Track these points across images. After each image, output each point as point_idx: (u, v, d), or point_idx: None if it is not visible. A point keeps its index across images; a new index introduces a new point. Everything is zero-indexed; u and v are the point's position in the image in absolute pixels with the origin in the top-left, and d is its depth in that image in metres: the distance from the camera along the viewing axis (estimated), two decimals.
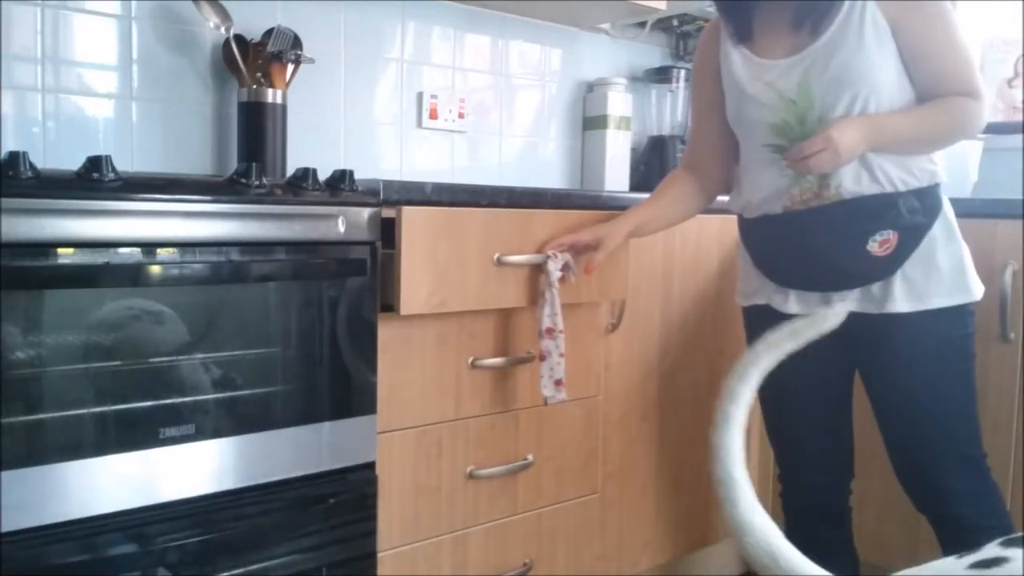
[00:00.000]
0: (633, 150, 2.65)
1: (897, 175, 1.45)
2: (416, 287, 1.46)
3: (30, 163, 1.15)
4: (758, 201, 1.56)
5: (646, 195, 1.96)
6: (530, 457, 1.72)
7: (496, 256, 1.56)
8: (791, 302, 1.56)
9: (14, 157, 1.13)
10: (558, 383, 1.62)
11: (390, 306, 1.48)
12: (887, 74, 1.43)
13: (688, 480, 2.09)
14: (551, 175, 2.58)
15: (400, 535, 1.56)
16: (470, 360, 1.62)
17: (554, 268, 1.58)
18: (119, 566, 1.22)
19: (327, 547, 1.43)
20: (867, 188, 1.45)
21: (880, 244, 1.45)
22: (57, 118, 1.74)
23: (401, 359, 1.53)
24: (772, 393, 1.66)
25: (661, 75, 2.70)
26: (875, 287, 1.48)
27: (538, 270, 1.61)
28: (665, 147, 2.66)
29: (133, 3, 1.81)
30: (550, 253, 1.59)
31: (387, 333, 1.49)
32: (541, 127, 2.54)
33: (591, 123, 2.60)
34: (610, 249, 1.60)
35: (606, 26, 2.62)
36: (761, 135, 1.52)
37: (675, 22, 2.68)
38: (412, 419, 1.56)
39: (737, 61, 1.54)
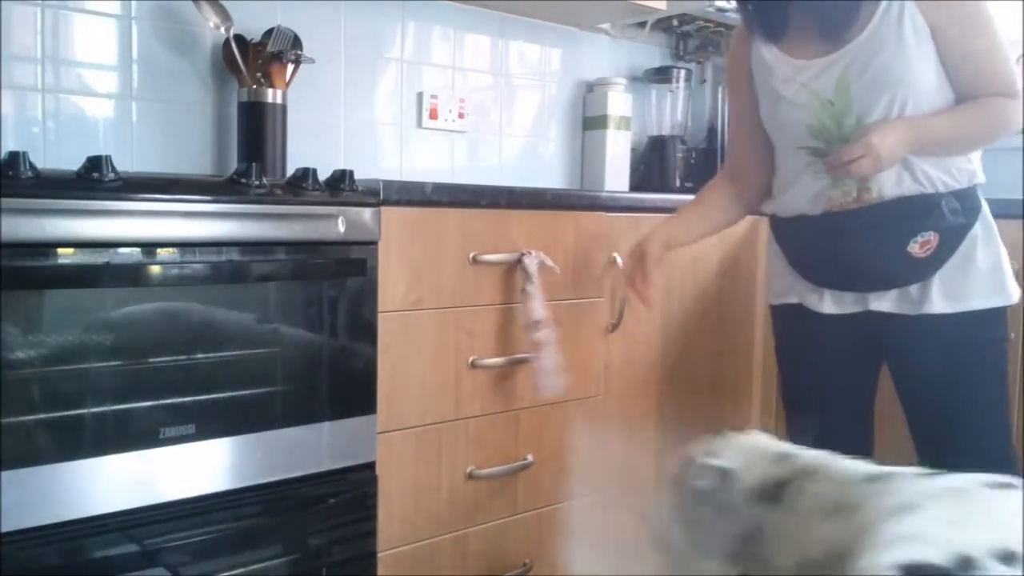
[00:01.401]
0: (633, 150, 2.64)
1: (938, 176, 1.43)
2: (393, 286, 1.49)
3: (30, 163, 1.15)
4: (795, 203, 1.54)
5: (646, 195, 1.96)
6: (530, 457, 1.72)
7: (471, 255, 1.59)
8: (826, 302, 1.54)
9: (14, 157, 1.13)
10: (547, 374, 1.64)
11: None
12: (927, 76, 1.41)
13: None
14: (551, 175, 2.58)
15: (400, 535, 1.56)
16: (470, 360, 1.62)
17: (531, 262, 1.62)
18: (119, 566, 1.22)
19: (327, 547, 1.43)
20: (908, 189, 1.43)
21: (920, 245, 1.43)
22: (57, 118, 1.74)
23: (401, 359, 1.53)
24: (798, 390, 1.66)
25: (661, 75, 2.70)
26: (913, 288, 1.47)
27: (513, 269, 1.64)
28: (665, 147, 2.66)
29: (133, 3, 1.81)
30: (525, 251, 1.63)
31: (387, 333, 1.49)
32: (541, 127, 2.54)
33: (591, 123, 2.60)
34: (653, 261, 1.61)
35: (606, 26, 2.62)
36: (797, 137, 1.50)
37: (675, 22, 2.68)
38: (412, 419, 1.56)
39: (770, 62, 1.52)
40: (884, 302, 1.49)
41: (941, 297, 1.45)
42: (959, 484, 0.94)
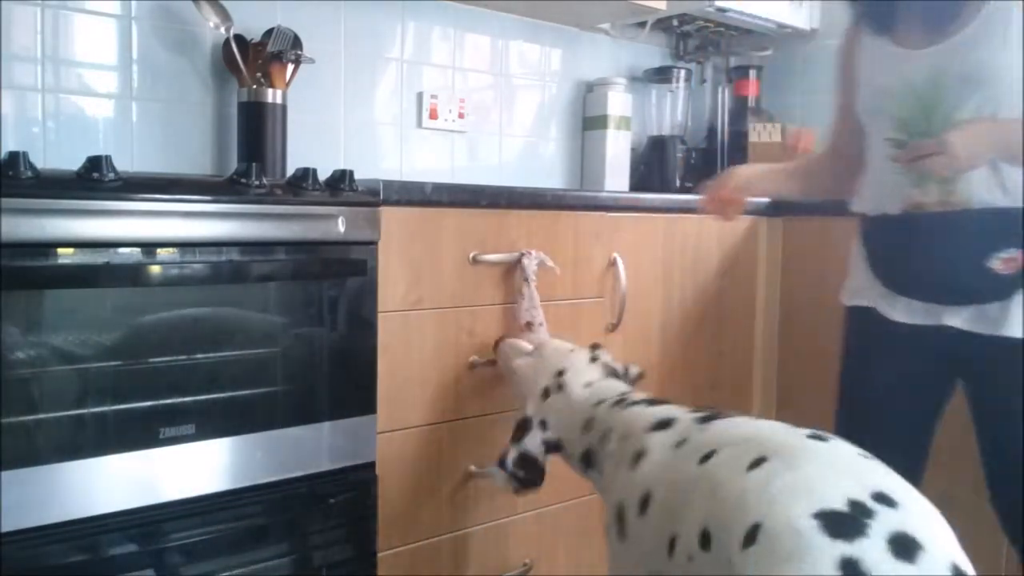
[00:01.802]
0: (633, 150, 2.64)
1: None
2: (393, 287, 1.49)
3: (30, 163, 1.15)
4: (878, 199, 1.48)
5: (645, 195, 1.96)
6: None
7: (471, 255, 1.59)
8: (898, 310, 1.47)
9: (14, 157, 1.13)
10: None
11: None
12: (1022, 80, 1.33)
13: None
14: (551, 175, 2.58)
15: (400, 535, 1.56)
16: (470, 360, 1.62)
17: (530, 263, 1.61)
18: (119, 566, 1.22)
19: (327, 547, 1.43)
20: (998, 200, 1.35)
21: (1004, 262, 1.35)
22: (57, 118, 1.74)
23: (401, 359, 1.53)
24: (858, 398, 1.58)
25: (661, 75, 2.70)
26: (992, 307, 1.38)
27: (511, 269, 1.64)
28: (665, 147, 2.66)
29: (133, 3, 1.81)
30: (525, 251, 1.63)
31: (387, 333, 1.49)
32: (541, 127, 2.54)
33: (591, 123, 2.60)
34: (739, 182, 1.64)
35: (606, 26, 2.62)
36: (885, 127, 1.44)
37: (675, 22, 2.68)
38: (412, 419, 1.56)
39: (872, 48, 1.48)
40: (958, 318, 1.40)
41: (1022, 319, 1.36)
42: (784, 437, 1.04)
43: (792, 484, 0.90)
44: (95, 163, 1.20)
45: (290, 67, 1.88)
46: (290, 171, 1.51)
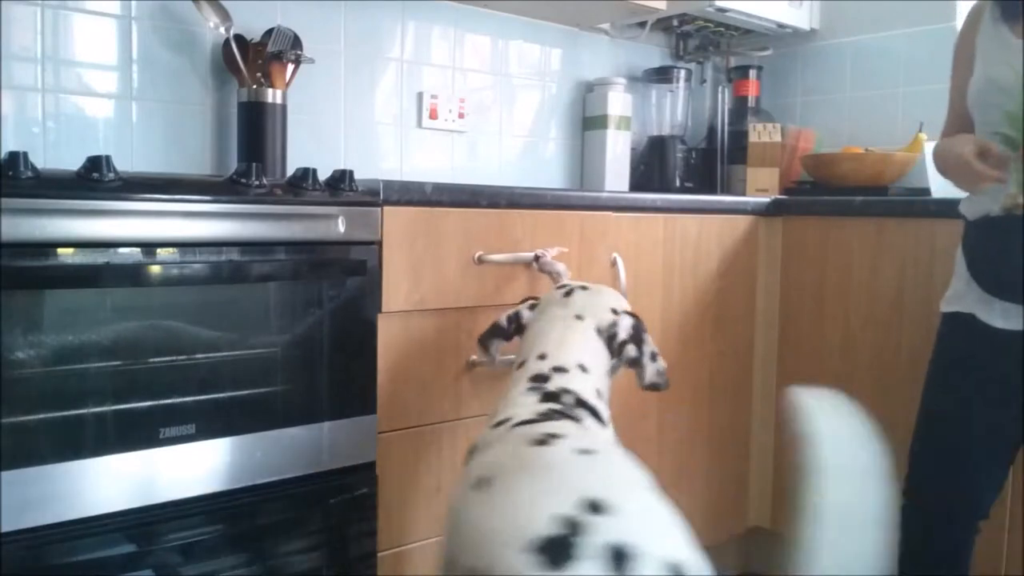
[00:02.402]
0: (633, 150, 2.64)
1: None
2: (396, 286, 1.48)
3: (30, 163, 1.15)
4: (982, 199, 1.44)
5: (645, 195, 1.96)
6: None
7: (476, 255, 1.59)
8: (996, 314, 1.43)
9: (14, 157, 1.13)
10: None
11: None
12: None
13: (688, 480, 2.09)
14: (551, 175, 2.58)
15: (400, 535, 1.55)
16: (470, 360, 1.62)
17: (550, 258, 1.63)
18: (119, 566, 1.22)
19: (327, 547, 1.43)
20: None
21: None
22: (57, 118, 1.74)
23: (401, 359, 1.53)
24: (946, 407, 1.53)
25: (661, 75, 2.70)
26: None
27: (515, 269, 1.65)
28: (665, 147, 2.66)
29: (133, 3, 1.81)
30: (540, 251, 1.64)
31: (387, 333, 1.49)
32: (541, 127, 2.54)
33: (591, 123, 2.60)
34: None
35: (606, 26, 2.62)
36: (994, 121, 1.39)
37: (675, 22, 2.68)
38: (412, 419, 1.56)
39: (991, 38, 1.43)
40: None
41: None
42: (514, 449, 1.03)
43: (502, 515, 0.88)
44: (95, 163, 1.20)
45: (290, 67, 1.88)
46: (290, 171, 1.51)
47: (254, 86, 1.84)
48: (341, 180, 1.43)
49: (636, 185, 2.63)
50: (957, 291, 1.52)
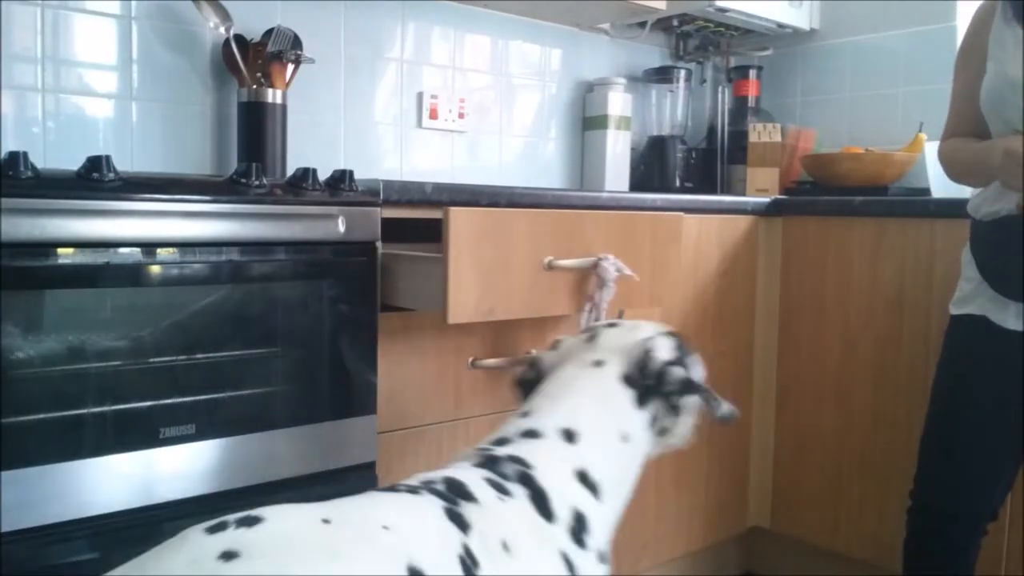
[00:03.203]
0: (633, 150, 2.65)
1: None
2: (465, 294, 1.36)
3: (30, 163, 1.15)
4: (995, 199, 1.43)
5: (645, 195, 1.96)
6: None
7: (546, 260, 1.47)
8: (1010, 316, 1.42)
9: (14, 157, 1.13)
10: None
11: (390, 306, 1.48)
12: None
13: (688, 480, 2.09)
14: (551, 175, 2.58)
15: None
16: (470, 360, 1.62)
17: (611, 267, 1.48)
18: (119, 566, 1.22)
19: None
20: None
21: None
22: (57, 118, 1.74)
23: (401, 359, 1.53)
24: (956, 410, 1.52)
25: (661, 75, 2.70)
26: None
27: (586, 274, 1.52)
28: (665, 147, 2.66)
29: (133, 3, 1.81)
30: (603, 255, 1.50)
31: (387, 333, 1.49)
32: (541, 127, 2.54)
33: (591, 123, 2.60)
34: None
35: (606, 26, 2.62)
36: (1011, 123, 1.39)
37: (675, 22, 2.68)
38: (412, 419, 1.56)
39: (1006, 39, 1.41)
40: None
41: None
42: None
43: None
44: (95, 163, 1.20)
45: (290, 67, 1.88)
46: (290, 171, 1.51)
47: (254, 86, 1.84)
48: (341, 180, 1.43)
49: (636, 185, 2.63)
50: (967, 293, 1.50)
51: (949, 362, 1.55)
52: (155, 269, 1.23)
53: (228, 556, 0.75)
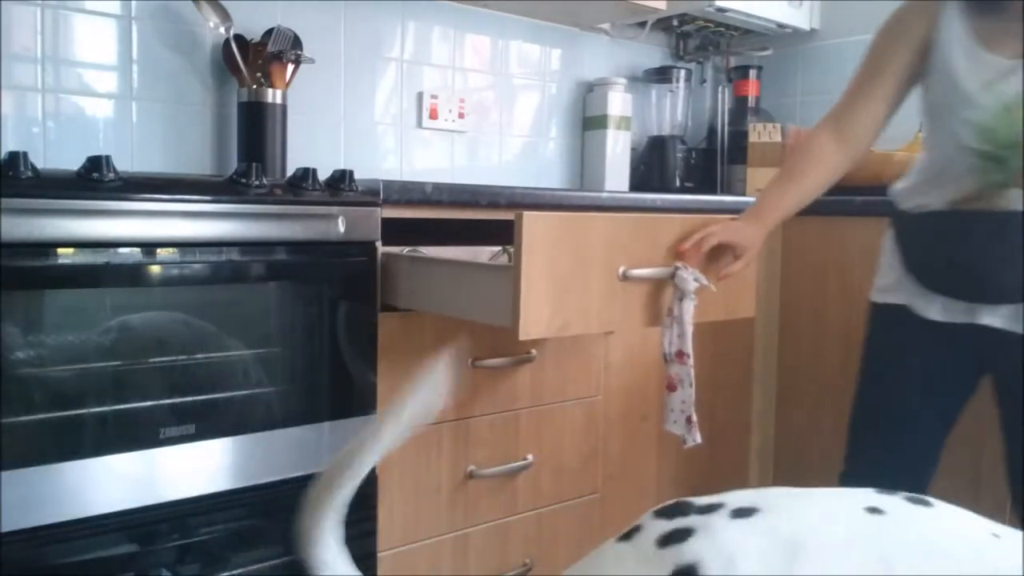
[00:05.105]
0: (633, 150, 2.64)
1: None
2: (537, 307, 1.26)
3: (30, 163, 1.15)
4: (925, 193, 1.46)
5: (645, 195, 1.96)
6: (530, 457, 1.72)
7: (622, 270, 1.37)
8: (934, 308, 1.47)
9: (14, 157, 1.13)
10: (691, 422, 1.44)
11: (390, 306, 1.48)
12: None
13: (688, 479, 2.09)
14: (551, 175, 2.58)
15: (400, 535, 1.56)
16: (470, 360, 1.62)
17: (689, 277, 1.39)
18: (119, 566, 1.22)
19: None
20: None
21: None
22: (57, 118, 1.74)
23: (401, 359, 1.53)
24: (880, 393, 1.58)
25: (661, 75, 2.70)
26: None
27: (661, 285, 1.43)
28: (665, 147, 2.66)
29: (133, 3, 1.81)
30: (680, 264, 1.41)
31: (387, 333, 1.49)
32: (541, 127, 2.54)
33: (591, 123, 2.60)
34: (753, 257, 1.50)
35: (606, 26, 2.62)
36: (962, 133, 1.40)
37: (675, 22, 2.68)
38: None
39: (957, 48, 1.41)
40: (995, 317, 1.41)
41: None
42: None
43: None
44: (95, 163, 1.20)
45: (290, 67, 1.88)
46: (290, 171, 1.51)
47: (254, 86, 1.84)
48: (341, 180, 1.43)
49: (636, 185, 2.63)
50: (890, 282, 1.54)
51: (871, 349, 1.60)
52: (155, 269, 1.23)
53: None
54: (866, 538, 0.69)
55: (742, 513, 0.72)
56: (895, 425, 1.55)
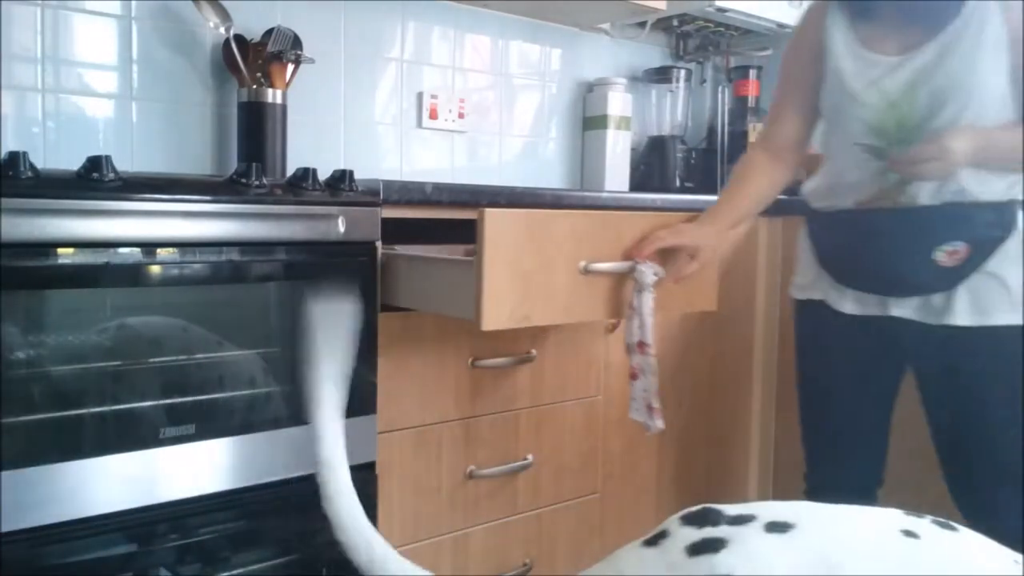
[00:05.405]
0: (633, 150, 2.64)
1: (978, 187, 1.40)
2: (500, 300, 1.31)
3: (30, 163, 1.15)
4: (834, 192, 1.53)
5: (645, 195, 1.96)
6: (530, 457, 1.72)
7: (583, 264, 1.42)
8: (848, 301, 1.53)
9: (14, 157, 1.13)
10: (652, 409, 1.50)
11: (390, 306, 1.48)
12: (995, 89, 1.38)
13: (688, 480, 2.09)
14: (551, 175, 2.58)
15: (400, 535, 1.56)
16: (470, 360, 1.62)
17: (648, 271, 1.44)
18: (119, 566, 1.22)
19: (327, 547, 1.42)
20: (944, 197, 1.40)
21: (948, 254, 1.41)
22: (57, 118, 1.74)
23: (401, 359, 1.53)
24: (814, 388, 1.64)
25: (661, 75, 2.70)
26: (936, 297, 1.44)
27: (623, 279, 1.48)
28: (665, 147, 2.66)
29: (133, 3, 1.81)
30: (638, 259, 1.47)
31: (387, 333, 1.49)
32: (541, 127, 2.54)
33: (591, 123, 2.60)
34: (706, 259, 1.54)
35: (606, 26, 2.62)
36: (855, 132, 1.47)
37: (675, 22, 2.68)
38: (412, 419, 1.56)
39: (843, 51, 1.48)
40: (905, 308, 1.48)
41: (965, 309, 1.43)
42: None
43: None
44: (95, 163, 1.20)
45: (290, 67, 1.88)
46: (290, 171, 1.51)
47: (254, 86, 1.84)
48: (341, 180, 1.43)
49: (636, 185, 2.63)
50: (807, 279, 1.61)
51: (801, 346, 1.67)
52: (155, 269, 1.23)
53: None
54: (901, 562, 0.69)
55: (776, 528, 0.72)
56: (835, 418, 1.61)
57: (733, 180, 1.66)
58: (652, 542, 0.76)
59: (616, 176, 2.57)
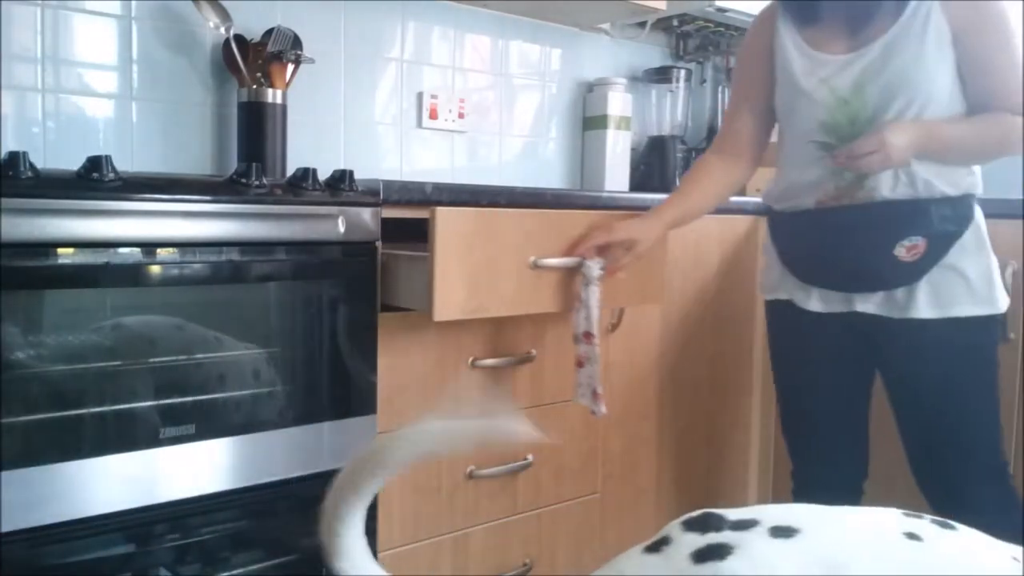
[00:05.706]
0: (633, 150, 2.64)
1: (932, 182, 1.43)
2: (451, 292, 1.40)
3: (30, 163, 1.15)
4: (793, 193, 1.55)
5: (645, 195, 1.96)
6: (530, 457, 1.72)
7: (532, 259, 1.50)
8: (813, 300, 1.56)
9: (14, 157, 1.13)
10: (596, 395, 1.57)
11: (390, 306, 1.48)
12: (942, 82, 1.42)
13: (688, 480, 2.09)
14: (551, 175, 2.58)
15: (400, 535, 1.56)
16: (470, 360, 1.62)
17: (594, 266, 1.51)
18: (119, 566, 1.22)
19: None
20: (901, 193, 1.44)
21: (907, 249, 1.44)
22: (57, 118, 1.74)
23: (401, 359, 1.53)
24: (790, 387, 1.67)
25: (661, 75, 2.70)
26: (899, 292, 1.47)
27: (572, 273, 1.54)
28: (665, 147, 2.66)
29: (133, 3, 1.81)
30: (585, 255, 1.53)
31: (387, 333, 1.49)
32: (541, 127, 2.54)
33: (591, 123, 2.60)
34: (642, 252, 1.56)
35: (606, 26, 2.62)
36: (808, 130, 1.51)
37: (675, 22, 2.68)
38: (412, 419, 1.55)
39: (793, 52, 1.52)
40: (869, 304, 1.50)
41: (927, 302, 1.46)
42: None
43: None
44: (95, 163, 1.20)
45: (290, 67, 1.88)
46: (290, 171, 1.51)
47: (254, 86, 1.84)
48: (341, 180, 1.43)
49: (636, 185, 2.63)
50: (773, 280, 1.64)
51: (773, 345, 1.70)
52: (155, 269, 1.23)
53: None
54: (905, 564, 0.70)
55: (780, 532, 0.72)
56: (814, 414, 1.64)
57: (683, 180, 1.71)
58: (654, 548, 0.76)
59: (616, 176, 2.57)
